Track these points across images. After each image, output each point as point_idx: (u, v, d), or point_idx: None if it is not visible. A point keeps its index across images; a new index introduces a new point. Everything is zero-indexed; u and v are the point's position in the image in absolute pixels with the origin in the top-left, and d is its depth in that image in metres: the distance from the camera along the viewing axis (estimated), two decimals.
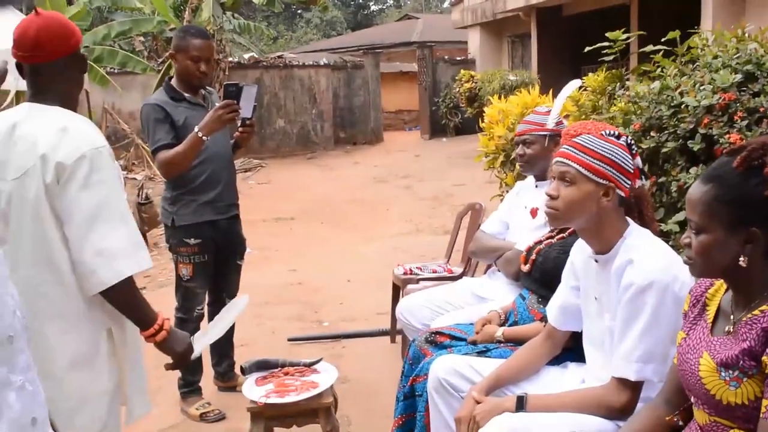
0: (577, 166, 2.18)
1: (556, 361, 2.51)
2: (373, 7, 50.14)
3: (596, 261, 2.25)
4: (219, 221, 3.89)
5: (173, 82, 3.81)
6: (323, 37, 38.74)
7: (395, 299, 4.79)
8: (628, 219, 2.26)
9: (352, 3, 48.24)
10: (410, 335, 3.51)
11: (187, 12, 16.40)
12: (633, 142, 2.25)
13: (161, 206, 3.96)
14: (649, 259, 2.08)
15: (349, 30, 40.29)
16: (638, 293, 2.05)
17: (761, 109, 3.20)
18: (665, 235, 3.04)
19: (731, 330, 1.69)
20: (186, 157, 3.57)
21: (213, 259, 3.91)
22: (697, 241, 1.69)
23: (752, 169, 1.62)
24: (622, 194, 2.19)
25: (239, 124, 3.71)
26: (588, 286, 2.31)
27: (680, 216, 3.32)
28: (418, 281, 4.42)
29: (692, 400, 1.79)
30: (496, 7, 17.96)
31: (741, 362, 1.61)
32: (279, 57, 19.64)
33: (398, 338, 4.78)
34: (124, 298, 2.21)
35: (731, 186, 1.64)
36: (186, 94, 3.79)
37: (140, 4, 16.35)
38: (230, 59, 17.15)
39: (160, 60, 16.26)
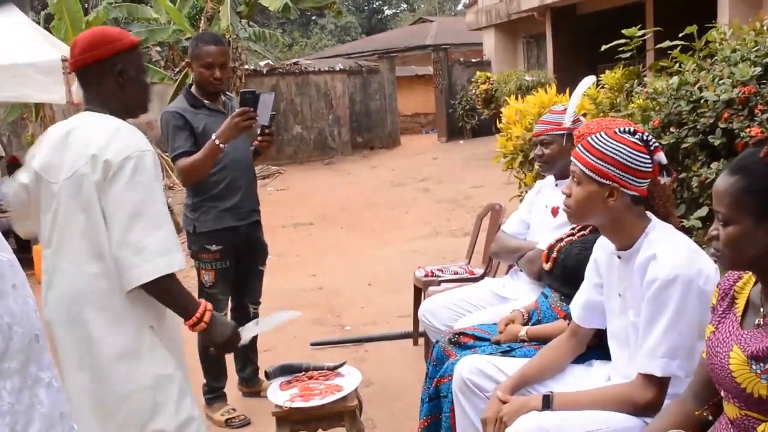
0: (582, 166, 2.19)
1: (581, 359, 2.50)
2: (387, 12, 50.18)
3: (619, 257, 2.24)
4: (240, 227, 3.90)
5: (193, 89, 3.83)
6: (338, 43, 38.80)
7: (417, 302, 4.77)
8: (650, 215, 2.25)
9: (366, 8, 48.33)
10: (433, 337, 3.51)
11: (202, 21, 16.53)
12: (651, 138, 2.21)
13: (183, 213, 3.98)
14: (673, 254, 2.07)
15: (364, 35, 40.34)
16: (662, 288, 2.03)
17: None
18: (687, 231, 3.02)
19: (761, 323, 1.67)
20: (204, 164, 3.58)
21: (234, 265, 3.92)
22: (725, 233, 1.68)
23: None
24: (634, 194, 2.16)
25: (258, 132, 3.71)
26: (611, 283, 2.30)
27: (702, 212, 3.30)
28: (439, 283, 4.42)
29: (722, 394, 1.77)
30: (511, 7, 17.91)
31: None
32: (294, 63, 19.71)
33: (421, 341, 4.78)
34: (163, 290, 2.27)
35: (758, 176, 1.63)
36: (205, 101, 3.80)
37: (156, 14, 16.50)
38: (246, 67, 17.23)
39: (177, 69, 16.36)
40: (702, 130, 3.35)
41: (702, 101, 3.36)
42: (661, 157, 2.20)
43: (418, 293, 4.76)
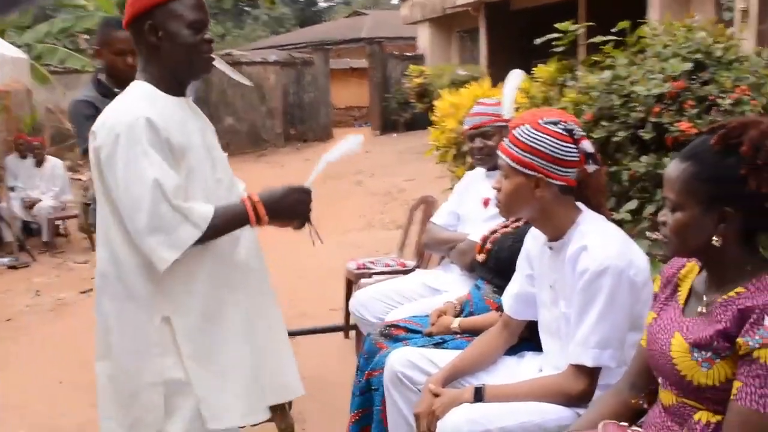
0: (508, 160, 2.17)
1: (513, 350, 2.49)
2: (322, 4, 49.88)
3: (550, 248, 2.23)
4: None
5: (102, 77, 3.64)
6: (271, 34, 38.34)
7: (348, 294, 4.73)
8: (581, 205, 2.23)
9: (300, 0, 47.96)
10: (365, 329, 3.47)
11: None
12: (575, 127, 2.19)
13: (93, 209, 3.77)
14: (604, 245, 2.06)
15: (298, 27, 39.99)
16: (593, 279, 2.03)
17: (711, 98, 3.23)
18: (617, 224, 3.04)
19: (704, 311, 1.67)
20: None
21: None
22: (672, 219, 1.68)
23: (730, 147, 1.61)
24: (560, 183, 2.15)
25: None
26: (542, 274, 2.29)
27: (632, 205, 3.33)
28: (371, 275, 4.38)
29: (660, 381, 1.77)
30: (445, 2, 17.98)
31: (714, 343, 1.60)
32: (227, 54, 19.37)
33: (351, 333, 4.74)
34: (210, 237, 2.05)
35: (709, 164, 1.63)
36: (117, 90, 3.62)
37: (84, 1, 16.00)
38: None
39: None
40: (633, 124, 3.38)
41: (633, 95, 3.40)
42: (587, 145, 2.18)
43: (350, 286, 4.72)
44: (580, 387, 2.06)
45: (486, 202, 3.31)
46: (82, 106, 3.51)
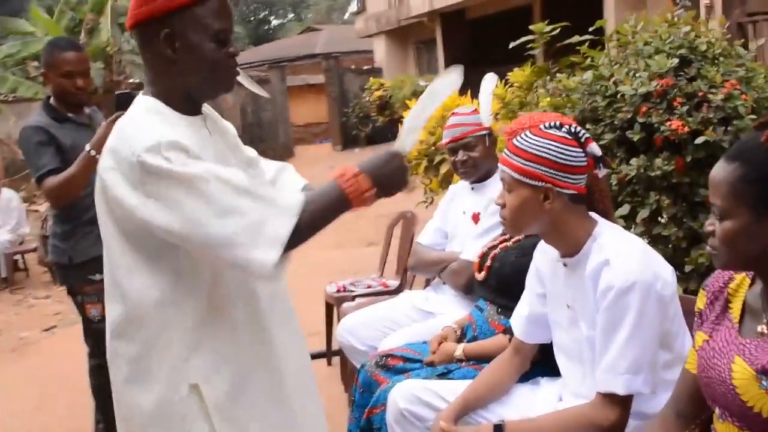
0: (511, 171, 1.98)
1: (526, 377, 2.29)
2: (275, 22, 49.68)
3: (565, 265, 2.04)
4: None
5: (52, 102, 3.41)
6: None
7: (329, 319, 4.54)
8: (595, 215, 2.06)
9: (253, 18, 47.68)
10: (354, 359, 3.26)
11: (82, 33, 15.78)
12: (581, 129, 2.01)
13: (50, 244, 3.53)
14: (627, 259, 1.88)
15: (252, 45, 39.73)
16: (619, 297, 1.84)
17: (700, 93, 3.10)
18: None
19: (765, 331, 1.49)
20: (79, 179, 3.16)
21: None
22: (721, 228, 1.49)
23: None
24: (572, 192, 1.97)
25: None
26: (557, 293, 2.10)
27: (623, 210, 3.19)
28: (353, 298, 4.18)
29: (717, 412, 1.58)
30: (400, 14, 17.96)
31: None
32: None
33: (335, 360, 4.52)
34: (309, 228, 1.68)
35: (759, 163, 1.45)
36: (69, 114, 3.40)
37: (32, 27, 15.64)
38: (131, 80, 16.56)
39: None
40: (620, 126, 3.25)
41: (619, 96, 3.26)
42: (594, 148, 2.00)
43: (330, 309, 4.52)
44: (611, 418, 1.85)
45: (476, 218, 3.13)
46: (33, 132, 3.27)
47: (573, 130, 1.99)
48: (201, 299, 1.72)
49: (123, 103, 3.12)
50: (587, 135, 2.01)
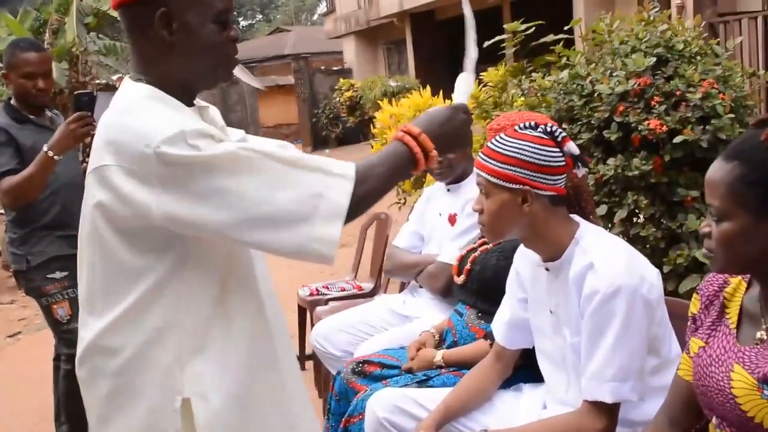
0: (487, 175, 1.91)
1: (508, 383, 2.23)
2: (243, 23, 49.40)
3: (547, 269, 1.98)
4: None
5: (13, 103, 3.35)
6: None
7: (302, 322, 4.46)
8: (576, 217, 2.00)
9: None
10: (330, 364, 3.18)
11: (47, 34, 15.53)
12: (557, 128, 1.94)
13: (9, 252, 3.45)
14: (612, 262, 1.82)
15: None
16: (604, 302, 1.78)
17: (678, 92, 3.07)
18: None
19: (765, 337, 1.44)
20: (36, 180, 3.07)
21: None
22: (718, 230, 1.43)
23: None
24: (551, 194, 1.90)
25: (87, 148, 3.21)
26: (539, 298, 2.04)
27: (601, 210, 3.15)
28: (326, 302, 4.09)
29: (714, 421, 1.53)
30: (370, 14, 17.91)
31: None
32: None
33: (308, 364, 4.43)
34: (367, 195, 1.51)
35: (759, 163, 1.39)
36: (31, 116, 3.33)
37: None
38: (97, 81, 16.32)
39: None
40: (597, 125, 3.21)
41: (596, 95, 3.22)
42: (572, 147, 1.93)
43: (303, 313, 4.44)
44: (598, 426, 1.79)
45: (452, 219, 3.07)
46: None
47: (549, 129, 1.92)
48: (207, 298, 1.55)
49: (83, 103, 3.03)
50: (564, 134, 1.94)
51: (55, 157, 3.01)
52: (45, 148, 3.01)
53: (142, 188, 1.43)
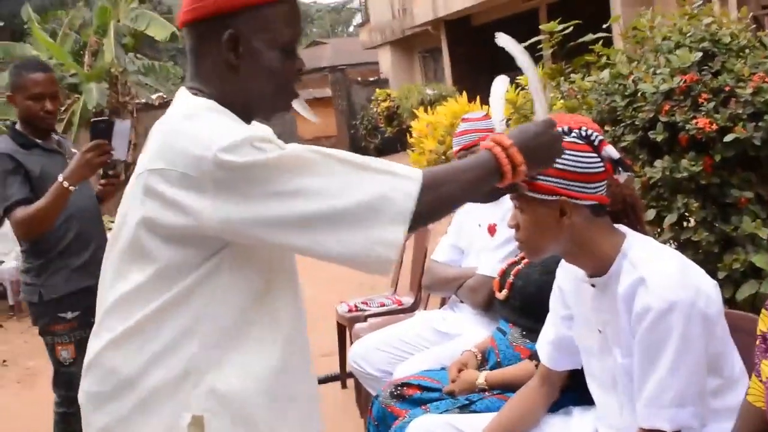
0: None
1: (556, 406, 2.08)
2: None
3: (593, 285, 1.83)
4: (95, 286, 3.27)
5: (18, 127, 3.22)
6: None
7: (342, 340, 4.36)
8: (622, 228, 1.86)
9: None
10: (369, 385, 3.07)
11: (86, 56, 15.79)
12: (593, 132, 1.78)
13: (22, 281, 3.35)
14: (665, 275, 1.67)
15: None
16: (658, 319, 1.63)
17: (727, 88, 2.91)
18: None
19: None
20: (52, 211, 2.96)
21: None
22: None
23: None
24: (591, 203, 1.76)
25: (101, 174, 3.11)
26: (585, 316, 1.89)
27: (649, 215, 3.00)
28: (365, 318, 3.99)
29: None
30: (405, 23, 17.89)
31: None
32: None
33: (350, 382, 4.34)
34: (437, 202, 1.43)
35: None
36: (38, 141, 3.20)
37: (36, 51, 15.65)
38: (137, 101, 16.54)
39: (62, 108, 15.51)
40: (641, 126, 3.06)
41: (639, 94, 3.08)
42: (611, 150, 1.76)
43: (342, 330, 4.34)
44: None
45: (492, 229, 2.94)
46: (1, 160, 3.06)
47: (584, 133, 1.77)
48: (239, 305, 1.47)
49: (100, 131, 2.91)
50: (601, 137, 1.78)
51: (71, 187, 2.90)
52: (60, 178, 2.90)
53: (194, 194, 1.38)
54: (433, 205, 1.41)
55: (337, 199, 1.35)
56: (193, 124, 1.43)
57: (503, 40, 1.80)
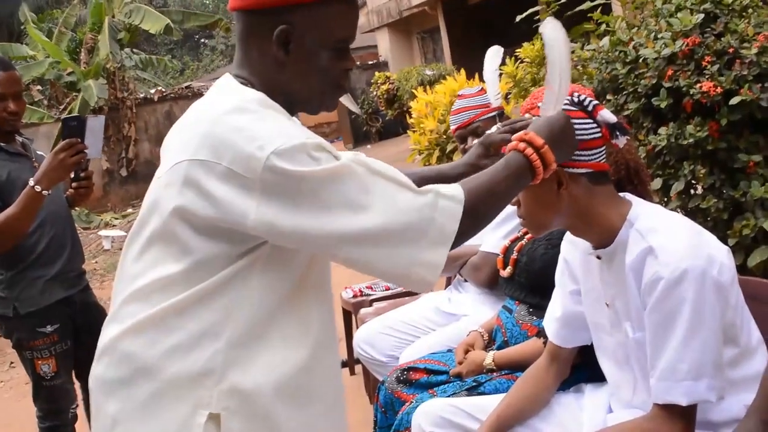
0: None
1: (567, 383, 2.01)
2: None
3: (599, 257, 1.75)
4: (74, 296, 3.12)
5: None
6: (229, 63, 38.10)
7: (348, 326, 4.29)
8: (627, 196, 1.78)
9: None
10: (375, 371, 3.02)
11: (83, 53, 15.76)
12: (586, 97, 1.70)
13: None
14: (674, 243, 1.59)
15: None
16: (669, 289, 1.55)
17: (731, 50, 2.83)
18: None
19: None
20: (24, 219, 2.77)
21: (74, 343, 3.11)
22: None
23: None
24: (589, 170, 1.68)
25: (72, 176, 2.91)
26: (593, 290, 1.81)
27: (655, 184, 2.94)
28: (371, 303, 3.93)
29: None
30: (401, 5, 17.76)
31: None
32: (187, 87, 18.99)
33: (358, 368, 4.28)
34: (480, 224, 1.47)
35: None
36: (1, 144, 3.00)
37: (32, 51, 15.64)
38: (136, 96, 16.50)
39: (62, 107, 15.48)
40: (644, 93, 3.00)
41: (640, 61, 3.00)
42: (607, 115, 1.68)
43: (348, 316, 4.28)
44: None
45: None
46: None
47: (576, 99, 1.68)
48: (271, 303, 1.43)
49: (72, 129, 2.75)
50: (595, 102, 1.70)
51: (44, 192, 2.72)
52: (32, 182, 2.72)
53: (239, 191, 1.34)
54: (474, 224, 1.44)
55: (384, 217, 1.35)
56: (246, 119, 1.38)
57: (548, 26, 1.74)
